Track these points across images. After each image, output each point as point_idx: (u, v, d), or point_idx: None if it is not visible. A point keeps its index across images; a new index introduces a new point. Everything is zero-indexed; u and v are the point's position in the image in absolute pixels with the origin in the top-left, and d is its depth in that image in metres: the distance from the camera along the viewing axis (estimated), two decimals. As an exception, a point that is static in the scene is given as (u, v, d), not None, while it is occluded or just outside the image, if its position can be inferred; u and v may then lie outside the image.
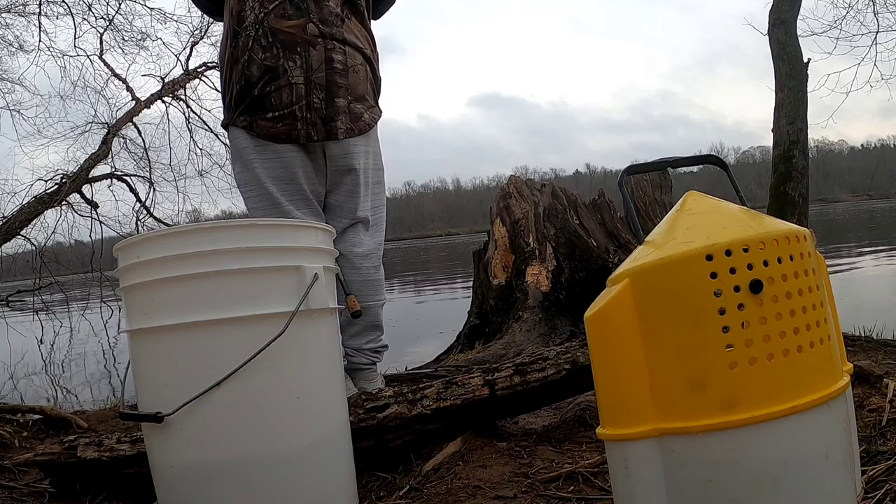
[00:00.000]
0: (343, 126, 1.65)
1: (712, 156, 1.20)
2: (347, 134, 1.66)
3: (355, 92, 1.67)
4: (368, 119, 1.71)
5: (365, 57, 1.71)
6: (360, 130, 1.69)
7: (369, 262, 1.80)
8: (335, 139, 1.65)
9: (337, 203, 1.77)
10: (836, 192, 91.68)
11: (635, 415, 0.91)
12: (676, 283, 0.88)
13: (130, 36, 9.93)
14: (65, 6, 9.08)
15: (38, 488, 1.56)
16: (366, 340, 1.83)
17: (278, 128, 1.62)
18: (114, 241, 7.52)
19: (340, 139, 1.66)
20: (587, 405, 1.79)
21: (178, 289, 1.09)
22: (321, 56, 1.60)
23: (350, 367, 1.82)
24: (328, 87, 1.62)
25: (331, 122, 1.63)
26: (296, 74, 1.59)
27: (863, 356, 1.94)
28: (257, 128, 1.64)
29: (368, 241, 1.81)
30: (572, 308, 2.81)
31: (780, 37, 4.14)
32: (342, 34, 1.65)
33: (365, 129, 1.71)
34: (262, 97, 1.62)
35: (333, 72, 1.62)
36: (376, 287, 1.81)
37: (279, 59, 1.59)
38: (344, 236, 1.79)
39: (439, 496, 1.35)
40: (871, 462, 1.25)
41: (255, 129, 1.64)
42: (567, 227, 3.00)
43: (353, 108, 1.67)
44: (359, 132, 1.69)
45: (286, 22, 1.60)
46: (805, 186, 3.98)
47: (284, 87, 1.60)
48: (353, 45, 1.68)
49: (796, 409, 0.84)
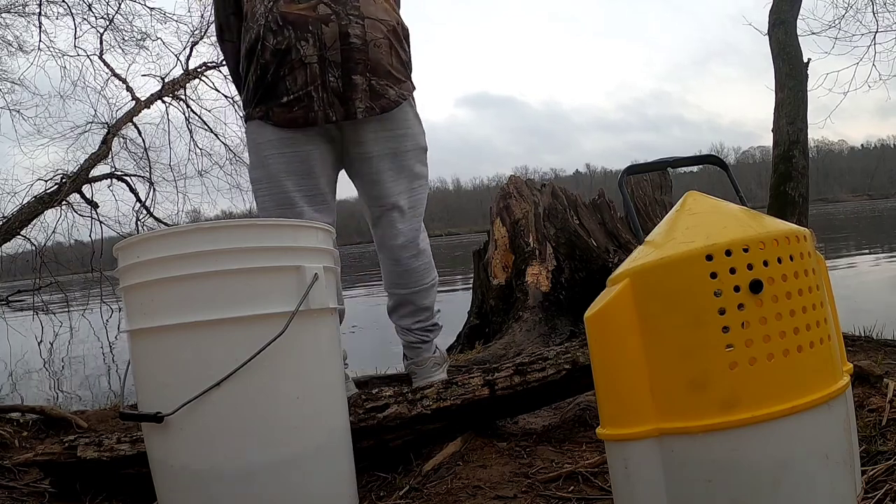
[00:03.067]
0: (362, 105, 1.56)
1: (712, 156, 1.20)
2: (368, 113, 1.57)
3: (377, 68, 1.56)
4: (394, 96, 1.60)
5: (389, 29, 1.60)
6: (382, 108, 1.59)
7: (407, 251, 1.75)
8: (354, 118, 1.56)
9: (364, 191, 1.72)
10: (836, 192, 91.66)
11: (635, 415, 0.91)
12: (676, 283, 0.88)
13: (130, 36, 9.95)
14: (65, 6, 9.10)
15: (38, 488, 1.55)
16: (414, 321, 1.85)
17: (294, 112, 1.54)
18: (114, 241, 7.52)
19: (360, 118, 1.57)
20: (587, 405, 1.79)
21: (177, 289, 1.09)
22: (335, 31, 1.51)
23: (404, 344, 1.89)
24: (344, 64, 1.52)
25: (349, 100, 1.54)
26: (308, 53, 1.51)
27: (863, 356, 1.94)
28: (273, 116, 1.57)
29: (405, 228, 1.74)
30: (572, 308, 2.81)
31: (780, 37, 4.14)
32: (358, 8, 1.55)
33: (389, 107, 1.60)
34: (276, 82, 1.54)
35: (350, 47, 1.52)
36: (416, 275, 1.77)
37: (291, 39, 1.51)
38: (379, 224, 1.75)
39: (439, 496, 1.35)
40: (871, 462, 1.25)
41: (272, 117, 1.57)
42: (567, 227, 3.00)
43: (375, 85, 1.57)
44: (381, 110, 1.59)
45: (296, 6, 1.53)
46: (805, 186, 3.98)
47: (298, 68, 1.52)
48: (374, 18, 1.57)
49: (796, 409, 0.84)
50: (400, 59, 1.63)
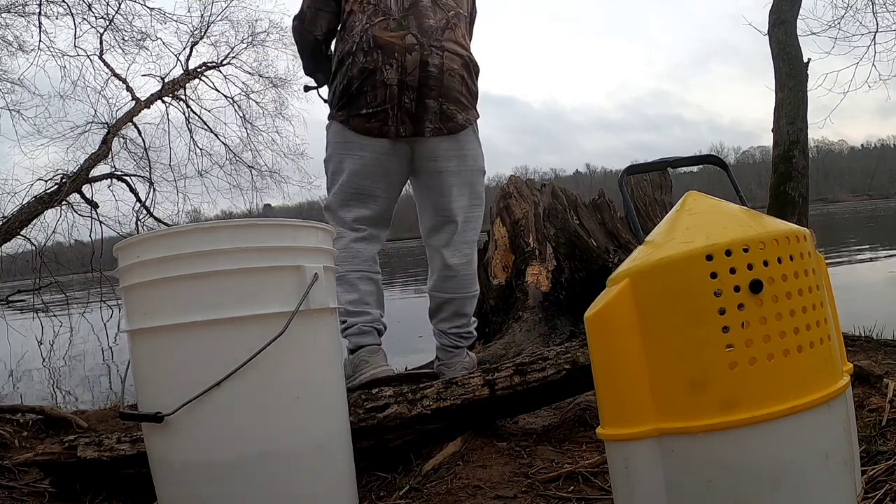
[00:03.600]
0: (431, 125, 1.77)
1: (712, 156, 1.20)
2: (435, 133, 1.78)
3: (448, 94, 1.77)
4: (462, 120, 1.81)
5: (464, 63, 1.82)
6: (449, 130, 1.79)
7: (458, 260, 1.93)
8: (422, 136, 1.77)
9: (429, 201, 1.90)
10: (836, 192, 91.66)
11: (635, 415, 0.91)
12: (676, 283, 0.88)
13: (130, 36, 9.96)
14: (65, 6, 9.10)
15: (38, 488, 1.56)
16: (452, 325, 1.99)
17: (371, 123, 1.76)
18: (114, 241, 7.52)
19: (427, 137, 1.77)
20: (587, 405, 1.79)
21: (178, 289, 1.09)
22: (416, 60, 1.73)
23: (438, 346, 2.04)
24: (420, 89, 1.74)
25: (420, 120, 1.75)
26: (390, 76, 1.73)
27: (863, 356, 1.94)
28: (352, 122, 1.78)
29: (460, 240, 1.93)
30: (572, 308, 2.81)
31: (780, 37, 4.14)
32: (441, 42, 1.78)
33: (456, 130, 1.80)
34: (359, 95, 1.76)
35: (427, 74, 1.74)
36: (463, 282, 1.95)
37: (377, 62, 1.74)
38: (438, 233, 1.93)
39: (439, 496, 1.35)
40: (871, 462, 1.25)
41: (351, 123, 1.79)
42: (567, 227, 3.00)
43: (445, 110, 1.77)
44: (448, 132, 1.79)
45: (388, 33, 1.76)
46: (805, 186, 3.97)
47: (379, 87, 1.73)
48: (453, 51, 1.79)
49: (796, 409, 0.84)
50: (469, 89, 1.85)
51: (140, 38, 10.03)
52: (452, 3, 1.87)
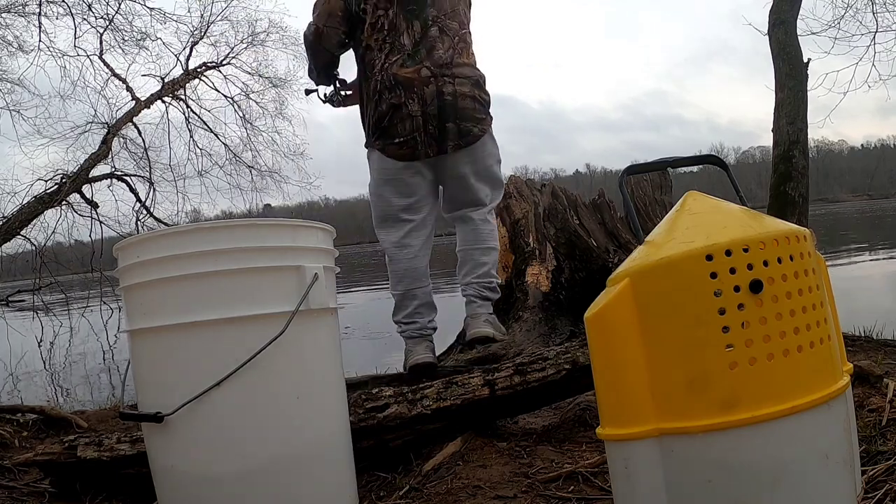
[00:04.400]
0: (453, 143, 2.09)
1: (712, 156, 1.20)
2: (455, 149, 2.11)
3: (463, 114, 2.08)
4: (477, 132, 2.13)
5: (474, 82, 2.12)
6: (467, 143, 2.12)
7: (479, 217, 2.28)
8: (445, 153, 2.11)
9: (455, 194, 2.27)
10: (836, 192, 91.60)
11: (635, 415, 0.91)
12: (676, 283, 0.88)
13: (130, 36, 9.93)
14: (65, 6, 9.08)
15: (38, 488, 1.56)
16: (474, 276, 2.26)
17: (403, 150, 2.09)
18: (114, 241, 7.51)
19: (450, 153, 2.12)
20: (587, 405, 1.79)
21: (177, 289, 1.09)
22: (433, 91, 2.05)
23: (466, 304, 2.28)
24: (440, 115, 2.05)
25: (443, 142, 2.08)
26: (414, 109, 2.05)
27: (863, 356, 1.94)
28: (388, 151, 2.12)
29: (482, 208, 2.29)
30: (572, 308, 2.81)
31: (780, 37, 4.13)
32: (451, 70, 2.08)
33: (473, 142, 2.13)
34: (390, 127, 2.08)
35: (444, 103, 2.06)
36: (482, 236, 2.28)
37: (401, 97, 2.05)
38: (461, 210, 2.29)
39: (439, 496, 1.35)
40: (871, 462, 1.25)
41: (387, 152, 2.12)
42: (567, 227, 3.00)
43: (462, 127, 2.09)
44: (466, 144, 2.12)
45: (405, 69, 2.05)
46: (805, 186, 3.97)
47: (406, 119, 2.05)
48: (462, 75, 2.09)
49: (796, 409, 0.84)
50: (481, 103, 2.15)
51: (140, 38, 10.01)
52: (456, 25, 2.13)
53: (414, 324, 2.20)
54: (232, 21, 11.15)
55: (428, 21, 2.09)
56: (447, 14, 2.13)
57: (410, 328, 2.21)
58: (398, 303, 2.24)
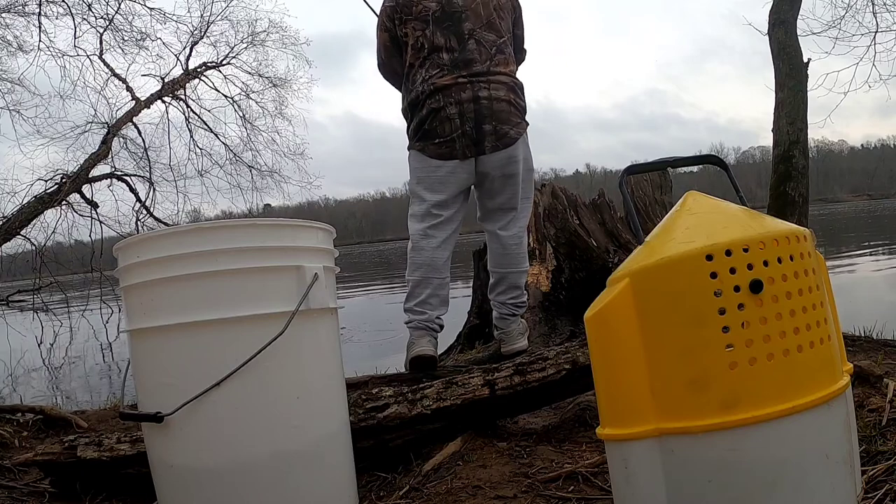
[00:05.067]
0: (489, 144, 2.21)
1: (712, 156, 1.20)
2: (493, 150, 2.22)
3: (499, 117, 2.20)
4: (514, 135, 2.24)
5: (510, 87, 2.24)
6: (504, 145, 2.22)
7: (513, 241, 2.37)
8: (483, 154, 2.22)
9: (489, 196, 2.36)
10: (836, 192, 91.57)
11: (635, 415, 0.91)
12: (676, 283, 0.88)
13: (130, 36, 9.93)
14: (65, 6, 9.08)
15: (38, 488, 1.56)
16: (508, 297, 2.38)
17: (443, 150, 2.22)
18: (114, 241, 7.50)
19: (488, 154, 2.22)
20: (587, 405, 1.79)
21: (177, 289, 1.09)
22: (470, 95, 2.18)
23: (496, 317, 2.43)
24: (476, 118, 2.18)
25: (480, 143, 2.20)
26: (452, 112, 2.19)
27: (863, 356, 1.94)
28: (428, 151, 2.25)
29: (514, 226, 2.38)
30: (572, 308, 2.81)
31: (780, 37, 4.13)
32: (486, 74, 2.20)
33: (510, 143, 2.23)
34: (431, 129, 2.23)
35: (480, 106, 2.18)
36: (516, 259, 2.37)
37: (440, 102, 2.20)
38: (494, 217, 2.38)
39: (439, 496, 1.35)
40: (871, 462, 1.25)
41: (427, 151, 2.26)
42: (567, 227, 3.00)
43: (499, 129, 2.20)
44: (503, 146, 2.22)
45: (443, 78, 2.20)
46: (805, 186, 3.97)
47: (445, 122, 2.20)
48: (498, 81, 2.21)
49: (796, 409, 0.84)
50: (516, 107, 2.26)
51: (140, 38, 10.01)
52: (493, 36, 2.25)
53: (423, 314, 2.27)
54: (232, 21, 11.17)
55: (464, 35, 2.22)
56: (483, 26, 2.24)
57: (418, 318, 2.27)
58: (411, 290, 2.31)
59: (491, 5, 2.28)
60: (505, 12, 2.31)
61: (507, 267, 2.37)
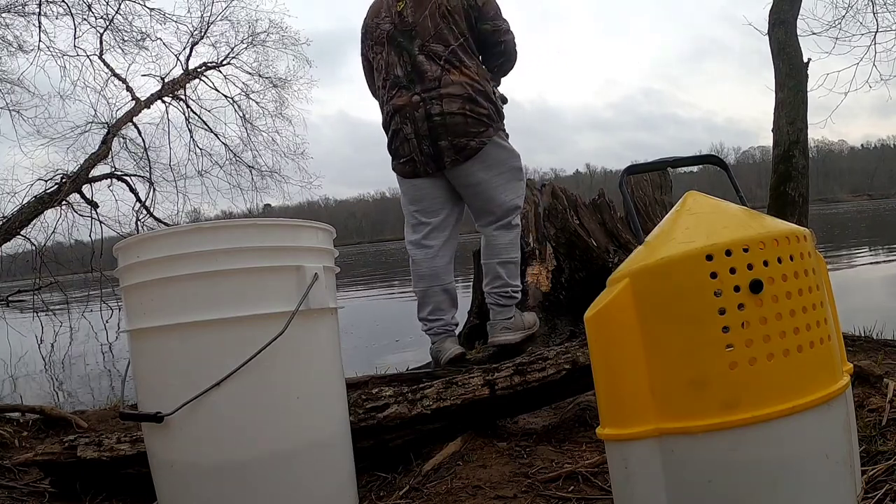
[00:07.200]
0: (449, 158, 2.27)
1: (712, 156, 1.20)
2: (454, 164, 2.28)
3: (455, 131, 2.24)
4: (476, 145, 2.27)
5: (466, 98, 2.24)
6: (466, 157, 2.27)
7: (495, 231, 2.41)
8: (445, 168, 2.30)
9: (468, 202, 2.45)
10: (836, 192, 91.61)
11: (635, 415, 0.91)
12: (676, 283, 0.88)
13: (130, 36, 9.93)
14: (65, 6, 9.08)
15: (38, 488, 1.56)
16: (491, 287, 2.42)
17: (407, 169, 2.36)
18: (114, 241, 7.50)
19: (449, 168, 2.30)
20: (587, 405, 1.79)
21: (177, 289, 1.09)
22: (423, 114, 2.24)
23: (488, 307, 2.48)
24: (431, 136, 2.25)
25: (439, 158, 2.27)
26: (408, 133, 2.28)
27: (863, 356, 1.94)
28: (398, 170, 2.41)
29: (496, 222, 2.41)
30: (572, 308, 2.81)
31: (780, 37, 4.13)
32: (438, 90, 2.23)
33: (472, 154, 2.27)
34: (396, 149, 2.36)
35: (434, 123, 2.24)
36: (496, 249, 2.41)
37: (398, 124, 2.30)
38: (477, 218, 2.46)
39: (439, 496, 1.35)
40: (871, 462, 1.25)
41: (398, 170, 2.41)
42: (567, 227, 3.00)
43: (456, 143, 2.25)
44: (464, 159, 2.27)
45: (399, 98, 2.29)
46: (805, 186, 3.97)
47: (404, 142, 2.31)
48: (450, 95, 2.23)
49: (796, 409, 0.84)
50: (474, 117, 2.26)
51: (140, 38, 10.01)
52: (441, 47, 2.25)
53: (438, 321, 2.37)
54: (232, 21, 11.16)
55: (414, 51, 2.27)
56: (432, 38, 2.26)
57: (435, 325, 2.37)
58: (420, 300, 2.40)
59: (438, 15, 2.26)
60: (457, 16, 2.27)
61: (490, 257, 2.42)
